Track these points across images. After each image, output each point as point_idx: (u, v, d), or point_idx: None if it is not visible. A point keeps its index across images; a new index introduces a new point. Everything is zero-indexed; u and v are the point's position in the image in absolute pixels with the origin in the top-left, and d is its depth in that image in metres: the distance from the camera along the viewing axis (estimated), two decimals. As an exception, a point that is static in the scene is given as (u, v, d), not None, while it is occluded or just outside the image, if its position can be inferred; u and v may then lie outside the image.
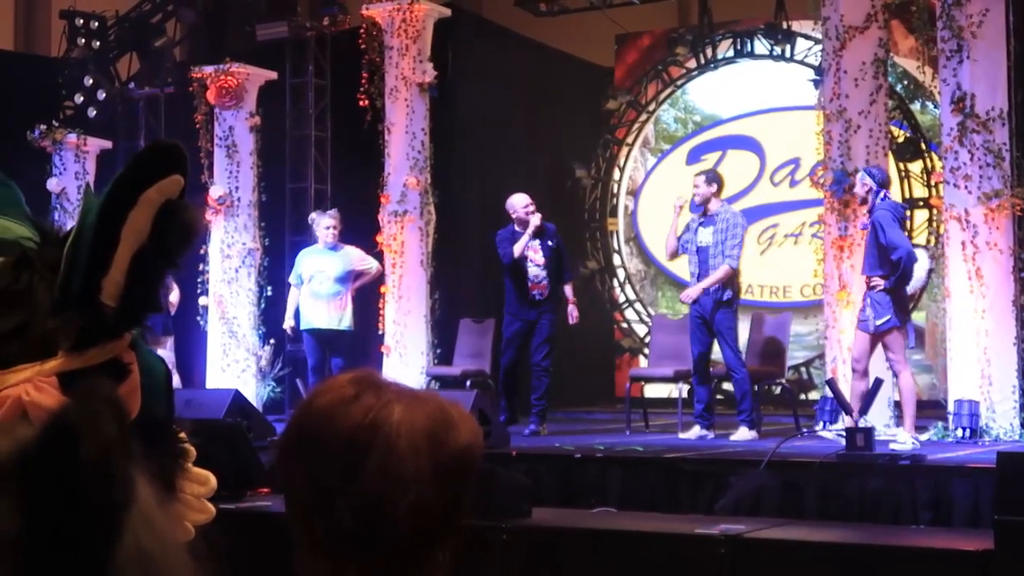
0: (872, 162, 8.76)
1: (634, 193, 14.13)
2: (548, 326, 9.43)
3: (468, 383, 10.22)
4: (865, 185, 8.08)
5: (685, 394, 9.65)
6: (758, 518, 6.49)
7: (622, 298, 14.05)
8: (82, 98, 13.16)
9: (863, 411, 7.46)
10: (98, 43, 13.30)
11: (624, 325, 14.04)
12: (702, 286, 8.69)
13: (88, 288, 1.38)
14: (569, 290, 9.62)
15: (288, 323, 10.48)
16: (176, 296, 11.46)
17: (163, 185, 1.38)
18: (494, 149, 12.74)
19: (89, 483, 0.76)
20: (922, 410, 8.82)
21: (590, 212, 14.15)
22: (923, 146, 12.09)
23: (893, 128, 10.66)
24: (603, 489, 7.38)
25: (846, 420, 7.57)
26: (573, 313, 9.56)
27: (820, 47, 10.03)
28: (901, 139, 11.92)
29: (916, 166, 12.24)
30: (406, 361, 10.72)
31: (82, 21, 13.21)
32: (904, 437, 7.66)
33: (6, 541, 0.75)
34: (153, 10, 13.36)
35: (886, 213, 7.87)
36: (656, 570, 5.56)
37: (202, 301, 12.14)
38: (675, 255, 9.22)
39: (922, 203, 12.08)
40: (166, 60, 13.45)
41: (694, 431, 8.82)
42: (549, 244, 9.47)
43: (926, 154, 12.05)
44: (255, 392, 11.63)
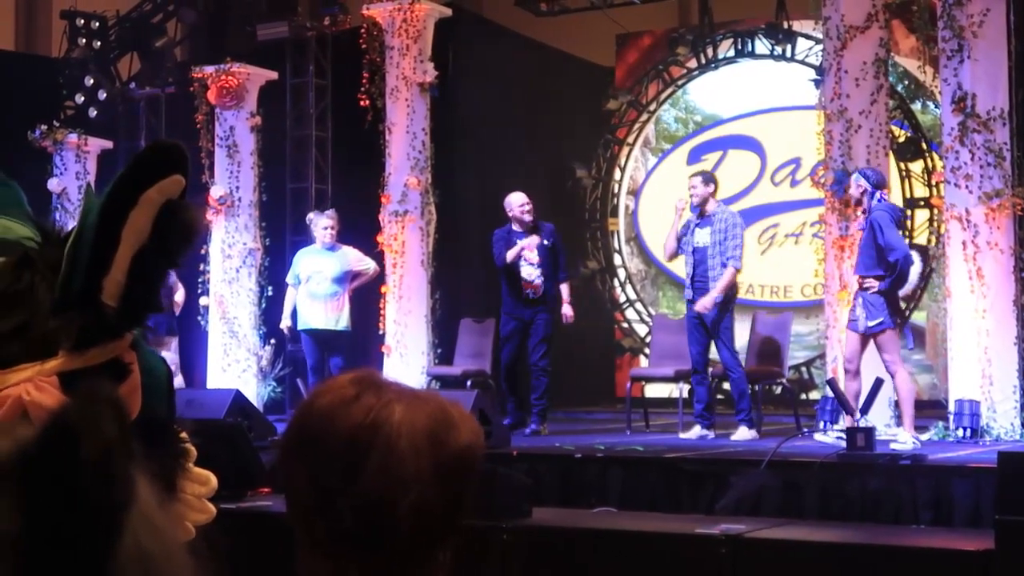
0: (873, 162, 8.76)
1: (635, 193, 14.13)
2: (543, 325, 9.39)
3: (469, 383, 10.20)
4: (860, 186, 8.07)
5: (685, 394, 9.63)
6: (758, 518, 6.49)
7: (623, 298, 14.05)
8: (83, 98, 13.16)
9: (863, 411, 7.46)
10: (99, 43, 13.29)
11: (625, 325, 14.04)
12: (714, 294, 8.64)
13: (89, 288, 1.38)
14: (565, 290, 9.55)
15: (285, 323, 10.47)
16: (181, 296, 11.38)
17: (164, 185, 1.38)
18: (495, 149, 12.73)
19: (89, 483, 0.76)
20: (923, 410, 8.82)
21: (591, 212, 14.15)
22: (924, 146, 12.08)
23: (894, 128, 10.67)
24: (604, 489, 7.37)
25: (847, 420, 7.57)
26: (567, 313, 9.50)
27: (821, 47, 10.02)
28: (902, 139, 11.92)
29: (917, 166, 12.23)
30: (407, 361, 10.72)
31: (83, 21, 13.20)
32: (905, 437, 7.66)
33: (6, 541, 0.75)
34: (154, 10, 13.35)
35: (884, 214, 7.87)
36: (656, 570, 5.56)
37: (203, 301, 12.13)
38: (674, 256, 9.21)
39: (923, 203, 12.07)
40: (167, 60, 13.45)
41: (694, 431, 8.82)
42: (545, 243, 9.41)
43: (927, 154, 12.05)
44: (256, 392, 11.63)
